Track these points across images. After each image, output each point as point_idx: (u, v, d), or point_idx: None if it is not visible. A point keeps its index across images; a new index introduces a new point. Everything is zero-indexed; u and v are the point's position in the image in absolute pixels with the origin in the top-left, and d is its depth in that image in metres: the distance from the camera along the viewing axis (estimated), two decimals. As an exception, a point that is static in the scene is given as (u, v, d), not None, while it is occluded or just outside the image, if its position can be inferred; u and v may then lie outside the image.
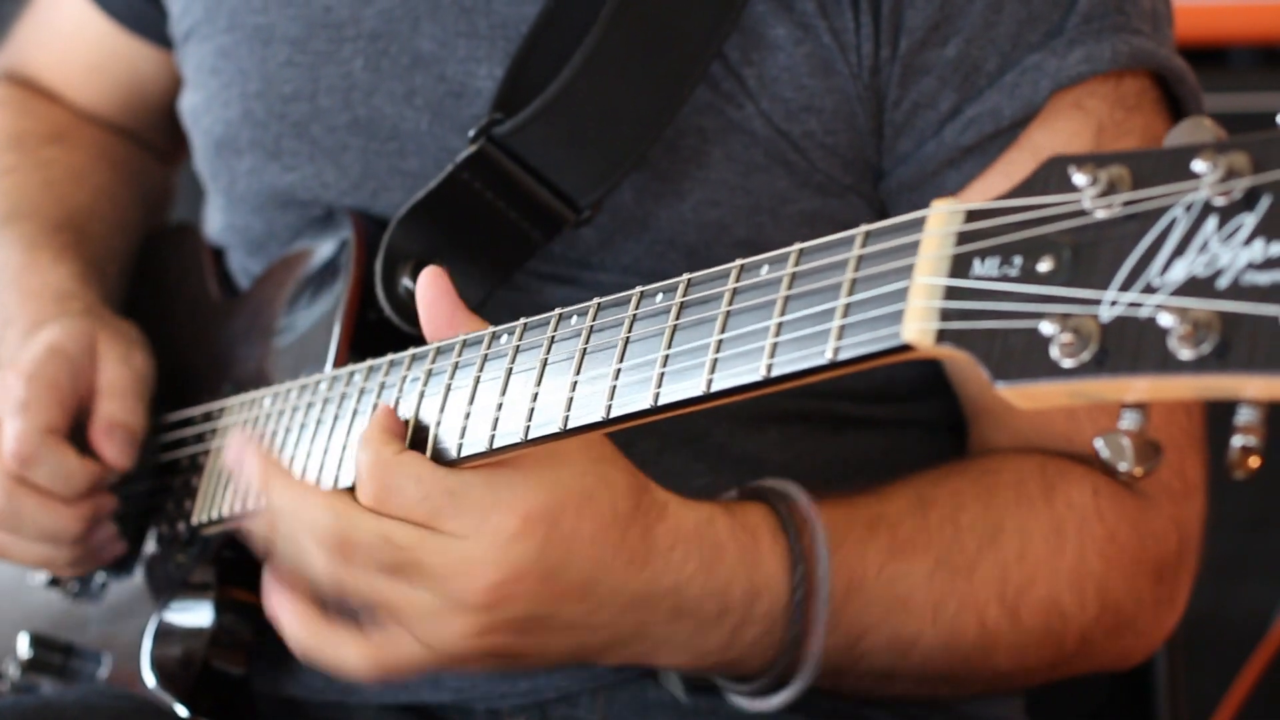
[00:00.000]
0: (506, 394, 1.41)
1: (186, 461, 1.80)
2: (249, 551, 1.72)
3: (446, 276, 1.47)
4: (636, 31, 1.63)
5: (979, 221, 1.14)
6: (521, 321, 1.43)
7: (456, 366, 1.46)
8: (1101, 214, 1.09)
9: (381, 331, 1.66)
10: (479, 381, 1.43)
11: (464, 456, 1.42)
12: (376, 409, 1.49)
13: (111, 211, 2.03)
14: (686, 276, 1.33)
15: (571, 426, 1.36)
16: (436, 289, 1.48)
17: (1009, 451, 1.66)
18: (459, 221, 1.67)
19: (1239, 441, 1.05)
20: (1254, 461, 1.04)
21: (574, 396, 1.36)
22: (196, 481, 1.77)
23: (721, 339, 1.28)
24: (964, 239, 1.14)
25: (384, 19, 1.75)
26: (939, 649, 1.57)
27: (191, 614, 1.75)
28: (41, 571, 1.90)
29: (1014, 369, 1.09)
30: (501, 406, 1.41)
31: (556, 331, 1.40)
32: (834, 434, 1.74)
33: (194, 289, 1.94)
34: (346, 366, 1.60)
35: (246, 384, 1.77)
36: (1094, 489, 1.61)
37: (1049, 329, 1.07)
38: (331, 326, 1.69)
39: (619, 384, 1.34)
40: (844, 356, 1.19)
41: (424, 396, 1.47)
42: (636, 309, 1.35)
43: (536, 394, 1.39)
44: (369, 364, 1.56)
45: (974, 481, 1.61)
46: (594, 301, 1.39)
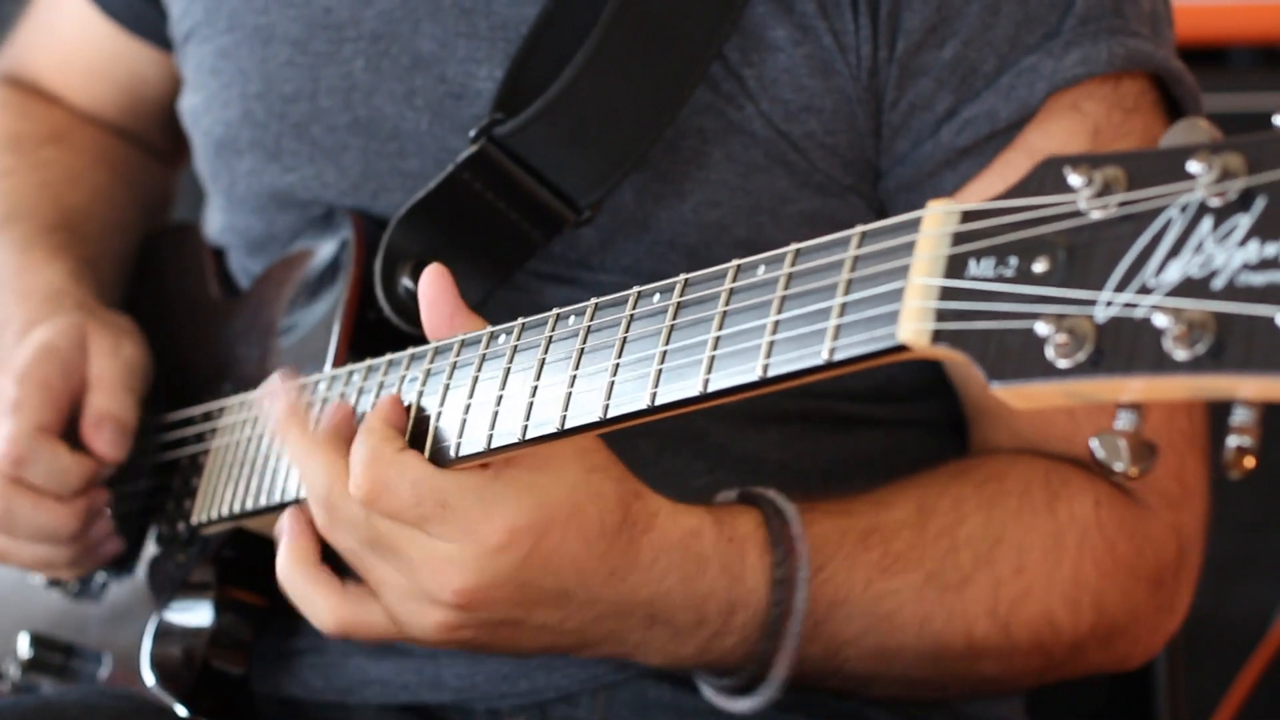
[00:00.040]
0: (504, 394, 1.41)
1: (186, 461, 1.80)
2: (249, 551, 1.73)
3: (449, 275, 1.48)
4: (637, 32, 1.63)
5: (974, 222, 1.14)
6: (519, 321, 1.43)
7: (455, 366, 1.46)
8: (1097, 215, 1.09)
9: (381, 332, 1.66)
10: (477, 381, 1.43)
11: (462, 456, 1.42)
12: (381, 398, 1.50)
13: (108, 212, 2.03)
14: (684, 277, 1.33)
15: (569, 427, 1.36)
16: (439, 287, 1.48)
17: (1015, 455, 1.65)
18: (459, 222, 1.67)
19: (1234, 442, 1.05)
20: (1249, 462, 1.04)
21: (571, 396, 1.36)
22: (196, 481, 1.77)
23: (718, 339, 1.28)
24: (959, 239, 1.14)
25: (384, 20, 1.75)
26: (923, 659, 1.58)
27: (191, 614, 1.75)
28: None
29: (1009, 369, 1.09)
30: (499, 406, 1.41)
31: (554, 331, 1.40)
32: (834, 434, 1.74)
33: (194, 289, 1.94)
34: (346, 366, 1.60)
35: (246, 384, 1.77)
36: (1096, 500, 1.61)
37: (1044, 329, 1.07)
38: (331, 326, 1.69)
39: (616, 384, 1.34)
40: (840, 357, 1.19)
41: (422, 396, 1.47)
42: (634, 309, 1.35)
43: (534, 394, 1.39)
44: (368, 364, 1.57)
45: (978, 488, 1.60)
46: (591, 302, 1.39)
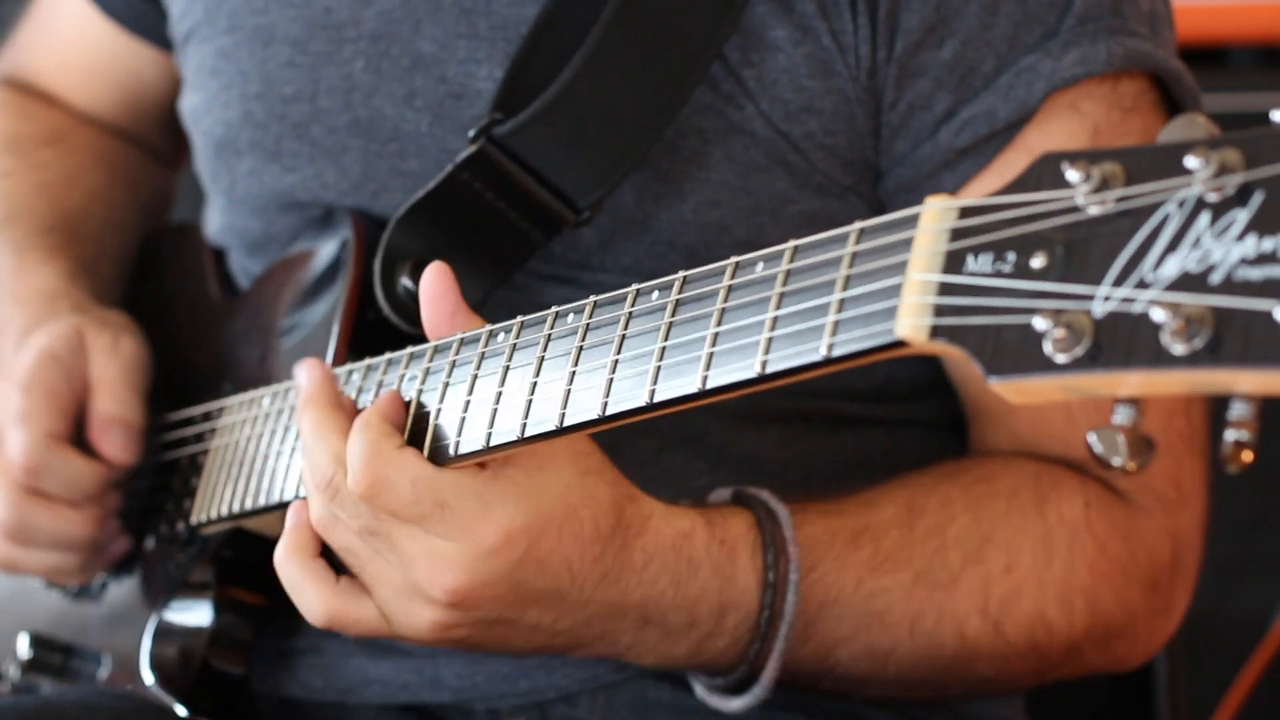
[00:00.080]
0: (503, 391, 1.41)
1: (186, 461, 1.80)
2: (248, 551, 1.73)
3: (451, 273, 1.48)
4: (636, 33, 1.63)
5: (973, 218, 1.14)
6: (518, 320, 1.43)
7: (454, 365, 1.46)
8: (1095, 210, 1.09)
9: (380, 331, 1.66)
10: (476, 379, 1.43)
11: (460, 454, 1.42)
12: (381, 394, 1.49)
13: (106, 213, 2.03)
14: (682, 274, 1.33)
15: (568, 424, 1.36)
16: (441, 285, 1.48)
17: (1008, 458, 1.65)
18: (458, 221, 1.67)
19: (1232, 436, 1.05)
20: (1247, 456, 1.04)
21: (570, 393, 1.36)
22: (196, 481, 1.77)
23: (717, 335, 1.28)
24: (958, 235, 1.14)
25: (384, 20, 1.75)
26: (916, 659, 1.58)
27: (191, 614, 1.75)
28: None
29: (1007, 364, 1.09)
30: (498, 404, 1.41)
31: (553, 330, 1.40)
32: (834, 434, 1.74)
33: (194, 289, 1.94)
34: (345, 365, 1.60)
35: (246, 383, 1.77)
36: (1085, 502, 1.61)
37: (1042, 324, 1.07)
38: (330, 326, 1.69)
39: (615, 381, 1.34)
40: (838, 353, 1.19)
41: (422, 394, 1.47)
42: (632, 306, 1.35)
43: (533, 391, 1.39)
44: (366, 363, 1.57)
45: (966, 489, 1.61)
46: (590, 299, 1.39)
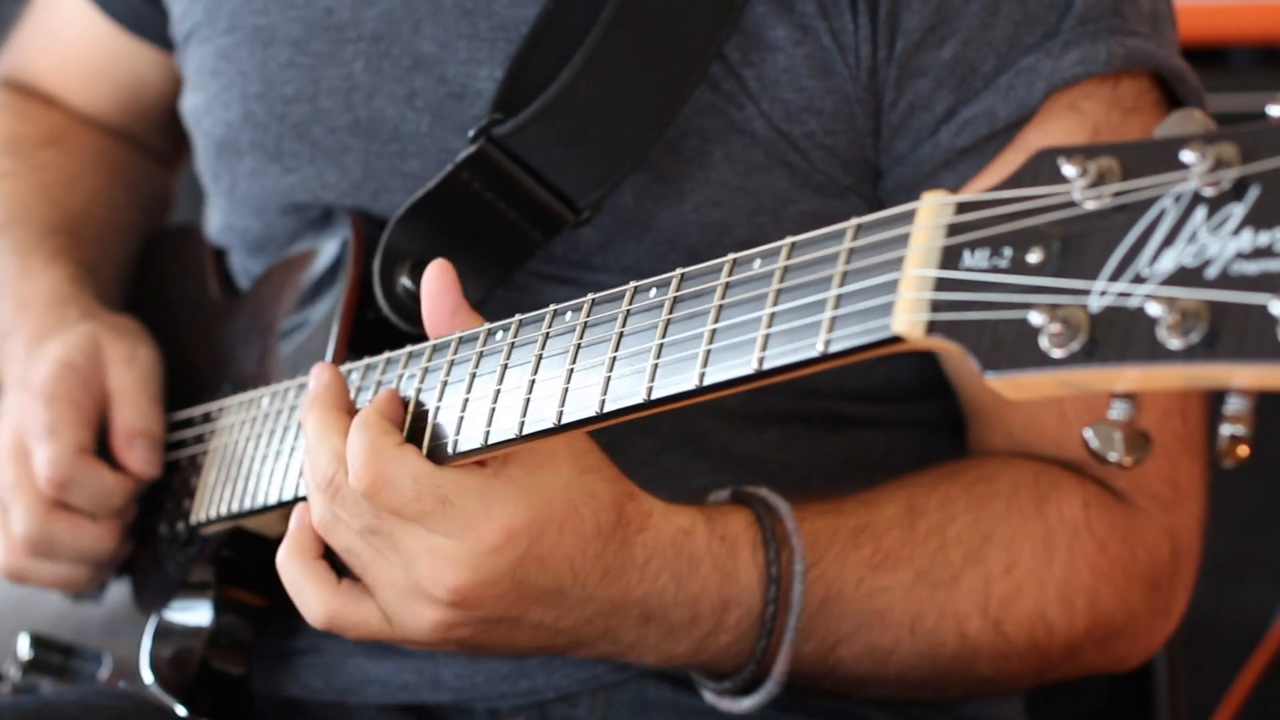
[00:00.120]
0: (501, 389, 1.41)
1: (186, 461, 1.80)
2: (248, 551, 1.72)
3: (453, 271, 1.48)
4: (637, 32, 1.63)
5: (969, 214, 1.14)
6: (516, 318, 1.43)
7: (452, 363, 1.46)
8: (1091, 205, 1.09)
9: (380, 331, 1.66)
10: (474, 378, 1.43)
11: (459, 452, 1.42)
12: (379, 392, 1.49)
13: (107, 214, 2.03)
14: (680, 271, 1.33)
15: (566, 422, 1.36)
16: (442, 283, 1.48)
17: (1007, 458, 1.65)
18: (458, 221, 1.67)
19: (1228, 430, 1.05)
20: (1243, 450, 1.04)
21: (568, 391, 1.36)
22: (196, 481, 1.77)
23: (714, 332, 1.28)
24: (954, 231, 1.14)
25: (385, 20, 1.75)
26: (917, 658, 1.58)
27: (191, 613, 1.75)
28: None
29: (1003, 359, 1.09)
30: (496, 402, 1.41)
31: (551, 328, 1.40)
32: (834, 434, 1.74)
33: (195, 289, 1.94)
34: (344, 365, 1.60)
35: (246, 383, 1.77)
36: (1084, 502, 1.61)
37: (1038, 319, 1.07)
38: (330, 326, 1.69)
39: (612, 379, 1.34)
40: (835, 349, 1.19)
41: (420, 392, 1.47)
42: (630, 304, 1.35)
43: (531, 389, 1.39)
44: (365, 362, 1.57)
45: (966, 489, 1.61)
46: (588, 297, 1.39)
